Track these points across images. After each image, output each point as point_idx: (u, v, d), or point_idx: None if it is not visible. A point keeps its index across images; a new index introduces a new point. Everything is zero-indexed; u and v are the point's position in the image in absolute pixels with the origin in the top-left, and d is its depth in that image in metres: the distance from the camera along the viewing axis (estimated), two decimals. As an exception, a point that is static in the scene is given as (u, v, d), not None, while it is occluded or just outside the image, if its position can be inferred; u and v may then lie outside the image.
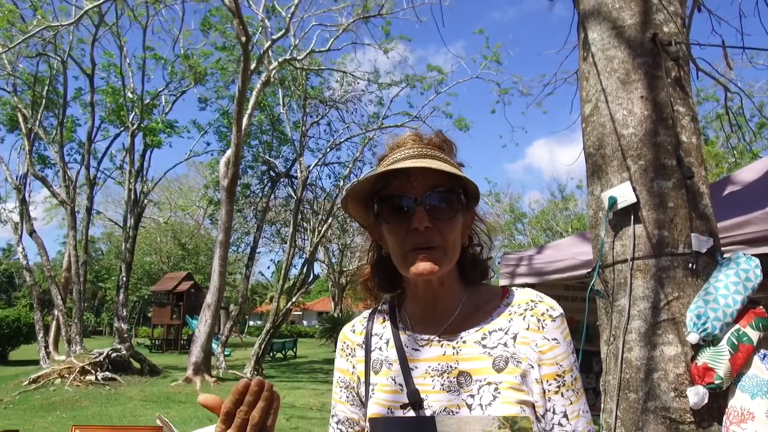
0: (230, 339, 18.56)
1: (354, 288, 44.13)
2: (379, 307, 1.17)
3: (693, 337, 2.13)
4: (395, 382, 1.02)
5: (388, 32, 15.98)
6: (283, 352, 23.64)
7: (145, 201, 17.90)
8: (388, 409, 0.99)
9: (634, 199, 2.38)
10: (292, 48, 15.60)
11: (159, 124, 17.52)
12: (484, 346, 0.99)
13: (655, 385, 2.22)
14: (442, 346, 1.02)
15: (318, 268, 29.03)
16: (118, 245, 39.29)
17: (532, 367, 0.96)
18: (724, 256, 2.33)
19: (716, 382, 2.05)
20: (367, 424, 1.01)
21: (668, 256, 2.31)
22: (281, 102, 18.14)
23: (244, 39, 11.92)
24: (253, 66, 13.18)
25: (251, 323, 47.71)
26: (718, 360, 2.07)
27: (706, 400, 2.07)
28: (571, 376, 0.98)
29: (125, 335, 14.12)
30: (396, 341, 1.06)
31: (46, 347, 14.86)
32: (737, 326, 2.11)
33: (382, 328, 1.12)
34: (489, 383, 0.94)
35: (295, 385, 13.56)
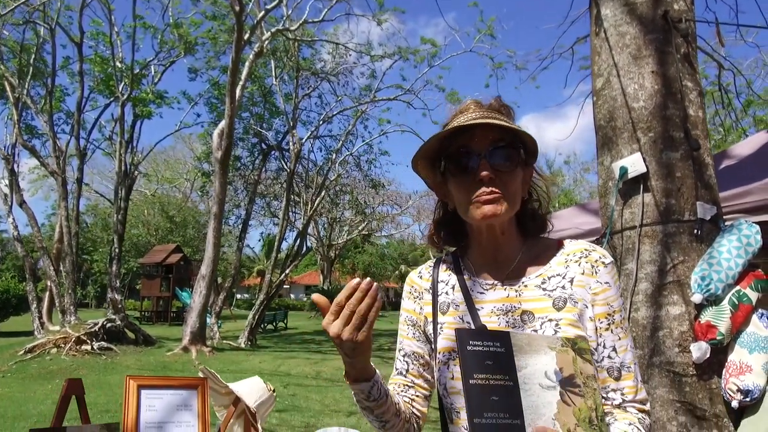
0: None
1: (342, 261, 44.47)
2: (443, 258, 1.29)
3: (697, 298, 2.29)
4: (463, 320, 1.14)
5: (382, 3, 15.85)
6: (274, 324, 23.89)
7: (136, 172, 17.77)
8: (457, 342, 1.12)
9: (644, 169, 2.52)
10: (284, 18, 15.43)
11: (148, 94, 17.30)
12: (544, 289, 1.11)
13: (660, 342, 2.39)
14: (505, 289, 1.14)
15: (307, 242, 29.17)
16: (104, 218, 39.16)
17: (587, 306, 1.09)
18: (727, 223, 2.49)
19: (718, 338, 2.22)
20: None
21: (675, 222, 2.46)
22: (273, 74, 17.98)
23: (237, 8, 11.78)
24: (246, 36, 13.05)
25: (238, 296, 47.90)
26: (719, 318, 2.24)
27: (708, 355, 2.24)
28: (620, 315, 1.11)
29: (119, 306, 14.19)
30: (462, 285, 1.18)
31: (40, 317, 14.90)
32: (738, 287, 2.28)
33: (447, 276, 1.24)
34: (550, 320, 1.07)
35: (290, 354, 13.80)
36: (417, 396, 1.23)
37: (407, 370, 1.24)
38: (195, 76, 18.72)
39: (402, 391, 1.23)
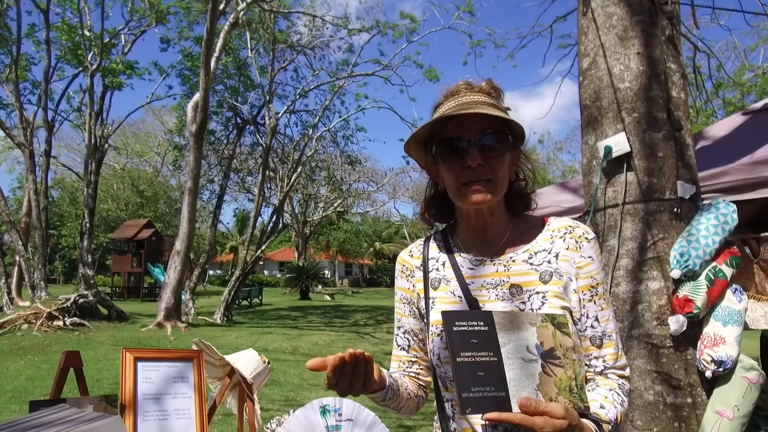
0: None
1: (317, 238, 44.39)
2: (432, 236, 1.34)
3: (676, 273, 2.39)
4: (454, 295, 1.20)
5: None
6: (249, 300, 23.85)
7: (106, 145, 17.33)
8: None
9: (628, 149, 2.59)
10: (260, -11, 15.06)
11: (119, 64, 16.79)
12: (531, 264, 1.17)
13: (639, 315, 2.49)
14: (494, 264, 1.20)
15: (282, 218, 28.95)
16: (72, 191, 38.17)
17: (571, 280, 1.15)
18: (705, 202, 2.58)
19: (694, 311, 2.32)
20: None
21: (656, 201, 2.54)
22: (248, 45, 17.61)
23: (212, -22, 11.46)
24: (221, 6, 12.72)
25: (211, 272, 47.50)
26: (696, 292, 2.34)
27: (684, 328, 2.35)
28: (603, 288, 1.18)
29: (91, 281, 13.97)
30: (452, 262, 1.24)
31: (9, 293, 14.57)
32: (714, 263, 2.38)
33: (437, 253, 1.29)
34: (537, 292, 1.13)
35: (266, 330, 13.82)
36: (421, 369, 1.32)
37: (409, 346, 1.31)
38: (167, 47, 18.20)
39: (407, 366, 1.31)
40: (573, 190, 4.17)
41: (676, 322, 2.35)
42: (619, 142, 2.61)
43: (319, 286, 33.62)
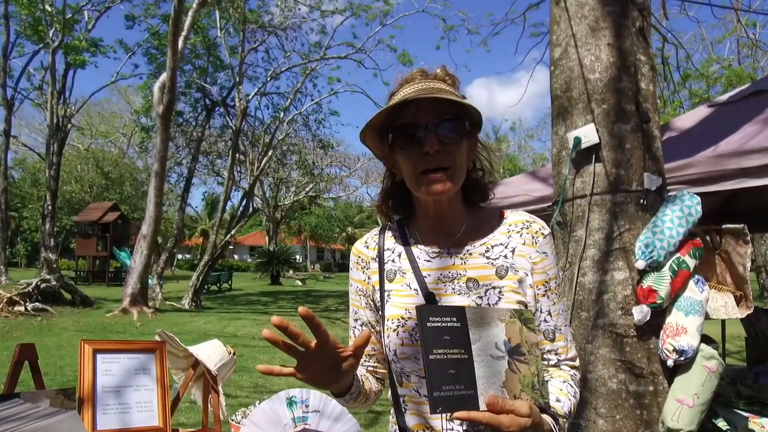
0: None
1: (288, 223, 44.06)
2: (388, 225, 1.31)
3: (641, 264, 2.42)
4: (410, 288, 1.18)
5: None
6: (218, 285, 23.58)
7: (69, 126, 16.78)
8: (406, 310, 1.15)
9: (597, 140, 2.60)
10: (230, -33, 14.69)
11: (82, 42, 16.20)
12: (488, 258, 1.16)
13: (604, 305, 2.53)
14: (451, 257, 1.18)
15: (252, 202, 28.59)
16: (34, 172, 36.96)
17: (527, 275, 1.15)
18: (670, 193, 2.62)
19: (658, 302, 2.37)
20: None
21: (623, 192, 2.57)
22: (218, 25, 17.20)
23: (180, -46, 11.11)
24: (189, -16, 12.37)
25: (179, 257, 46.79)
26: (660, 283, 2.38)
27: (648, 318, 2.39)
28: (555, 282, 1.18)
29: (54, 265, 13.59)
30: (408, 254, 1.21)
31: (-34, 277, 14.10)
32: (678, 255, 2.42)
33: (393, 244, 1.26)
34: (494, 287, 1.12)
35: (235, 315, 13.70)
36: (378, 362, 1.30)
37: None
38: (133, 24, 17.64)
39: (365, 360, 1.29)
40: (543, 179, 4.20)
41: (640, 312, 2.39)
42: (588, 133, 2.63)
43: (291, 271, 33.46)
